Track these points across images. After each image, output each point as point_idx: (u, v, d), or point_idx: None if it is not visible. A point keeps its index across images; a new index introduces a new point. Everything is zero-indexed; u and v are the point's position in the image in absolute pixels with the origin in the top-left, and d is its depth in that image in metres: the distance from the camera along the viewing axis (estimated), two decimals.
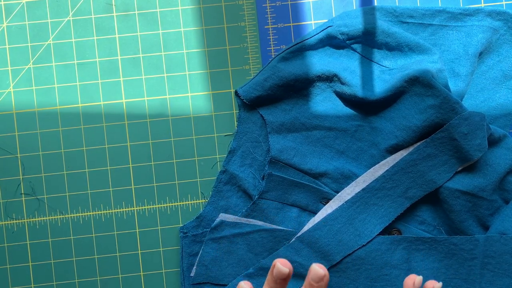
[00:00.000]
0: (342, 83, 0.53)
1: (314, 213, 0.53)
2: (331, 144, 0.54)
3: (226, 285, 0.52)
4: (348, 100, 0.53)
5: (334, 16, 0.56)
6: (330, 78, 0.53)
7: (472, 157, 0.49)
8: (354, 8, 0.56)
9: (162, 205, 0.56)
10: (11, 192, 0.56)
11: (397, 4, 0.56)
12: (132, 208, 0.56)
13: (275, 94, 0.53)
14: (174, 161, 0.56)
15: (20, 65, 0.56)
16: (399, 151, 0.51)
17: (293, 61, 0.54)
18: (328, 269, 0.51)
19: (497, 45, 0.54)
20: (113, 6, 0.56)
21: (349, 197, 0.51)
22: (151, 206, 0.56)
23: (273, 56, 0.55)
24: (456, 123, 0.49)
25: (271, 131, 0.54)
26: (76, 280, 0.56)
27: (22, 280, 0.55)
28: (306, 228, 0.51)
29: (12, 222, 0.56)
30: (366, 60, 0.54)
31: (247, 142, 0.55)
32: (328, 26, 0.54)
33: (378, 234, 0.51)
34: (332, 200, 0.52)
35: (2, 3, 0.56)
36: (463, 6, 0.55)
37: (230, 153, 0.55)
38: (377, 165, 0.52)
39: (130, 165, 0.56)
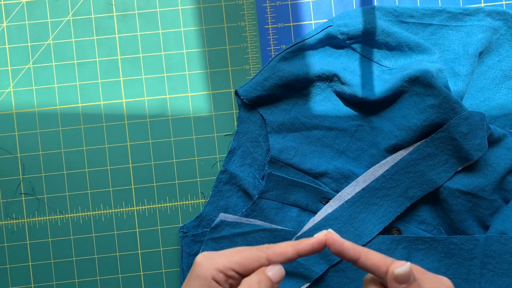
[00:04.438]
0: (342, 83, 0.53)
1: (314, 213, 0.53)
2: (331, 144, 0.54)
3: None
4: (348, 100, 0.53)
5: (334, 16, 0.56)
6: (330, 78, 0.53)
7: (472, 157, 0.49)
8: (354, 8, 0.56)
9: (162, 205, 0.56)
10: (11, 192, 0.56)
11: (397, 4, 0.56)
12: (132, 208, 0.56)
13: (275, 94, 0.53)
14: (174, 161, 0.56)
15: (20, 65, 0.56)
16: (399, 151, 0.51)
17: (293, 61, 0.54)
18: (328, 269, 0.51)
19: (497, 45, 0.54)
20: (113, 6, 0.56)
21: (349, 196, 0.51)
22: (151, 206, 0.56)
23: (273, 56, 0.55)
24: (456, 123, 0.49)
25: (271, 131, 0.54)
26: (76, 280, 0.56)
27: (22, 280, 0.55)
28: (306, 227, 0.51)
29: (12, 222, 0.56)
30: (366, 60, 0.54)
31: (247, 142, 0.55)
32: (328, 26, 0.54)
33: (378, 234, 0.51)
34: (332, 200, 0.52)
35: (2, 3, 0.56)
36: (463, 6, 0.55)
37: (230, 153, 0.55)
38: (377, 165, 0.52)
39: (130, 165, 0.56)
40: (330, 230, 0.36)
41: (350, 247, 0.35)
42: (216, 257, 0.34)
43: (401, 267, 0.33)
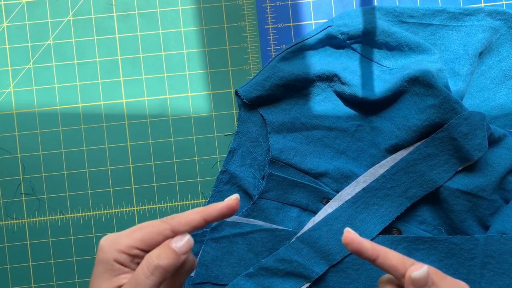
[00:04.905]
0: (342, 83, 0.53)
1: (314, 213, 0.53)
2: (331, 144, 0.54)
3: (226, 285, 0.52)
4: (348, 100, 0.53)
5: (334, 16, 0.56)
6: (330, 78, 0.53)
7: (472, 157, 0.49)
8: (354, 8, 0.56)
9: (162, 205, 0.56)
10: (11, 192, 0.56)
11: (397, 4, 0.56)
12: (133, 208, 0.56)
13: (275, 94, 0.53)
14: (174, 161, 0.56)
15: (20, 65, 0.56)
16: (399, 151, 0.51)
17: (293, 61, 0.54)
18: (328, 269, 0.51)
19: (497, 45, 0.54)
20: (113, 6, 0.56)
21: (349, 196, 0.51)
22: (152, 206, 0.56)
23: (273, 56, 0.55)
24: (456, 123, 0.49)
25: (271, 131, 0.54)
26: (76, 280, 0.56)
27: (22, 280, 0.55)
28: (306, 228, 0.51)
29: (12, 222, 0.56)
30: (366, 60, 0.54)
31: (247, 142, 0.55)
32: (328, 26, 0.54)
33: (378, 234, 0.51)
34: (332, 200, 0.52)
35: (2, 3, 0.56)
36: (463, 6, 0.55)
37: (230, 153, 0.55)
38: (377, 165, 0.52)
39: (130, 165, 0.56)
40: (347, 228, 0.34)
41: (369, 246, 0.33)
42: (118, 237, 0.32)
43: (418, 270, 0.32)
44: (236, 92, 0.55)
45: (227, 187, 0.55)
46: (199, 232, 0.54)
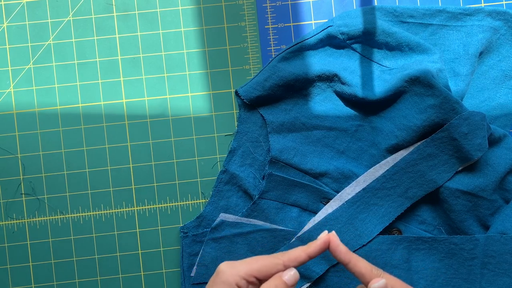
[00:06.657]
0: (342, 83, 0.53)
1: (315, 213, 0.53)
2: (331, 144, 0.54)
3: None
4: (348, 100, 0.53)
5: (334, 16, 0.56)
6: (330, 78, 0.53)
7: (472, 157, 0.49)
8: (354, 8, 0.56)
9: (163, 205, 0.56)
10: (11, 192, 0.56)
11: (397, 4, 0.56)
12: (133, 208, 0.56)
13: (275, 94, 0.54)
14: (174, 161, 0.56)
15: (20, 65, 0.56)
16: (399, 151, 0.51)
17: (293, 61, 0.54)
18: (328, 269, 0.51)
19: (497, 45, 0.54)
20: (113, 6, 0.56)
21: (349, 197, 0.51)
22: (152, 206, 0.56)
23: (273, 56, 0.55)
24: (456, 123, 0.49)
25: (271, 131, 0.54)
26: (76, 280, 0.56)
27: (23, 280, 0.55)
28: (306, 228, 0.51)
29: (12, 222, 0.56)
30: (366, 60, 0.54)
31: (247, 142, 0.55)
32: (328, 26, 0.54)
33: (378, 234, 0.51)
34: (332, 200, 0.52)
35: (2, 3, 0.56)
36: (463, 6, 0.55)
37: (230, 153, 0.55)
38: (377, 165, 0.52)
39: (130, 165, 0.56)
40: (333, 232, 0.40)
41: (343, 250, 0.39)
42: (238, 265, 0.39)
43: (376, 283, 0.37)
44: (236, 92, 0.55)
45: (227, 187, 0.55)
46: (199, 232, 0.54)
